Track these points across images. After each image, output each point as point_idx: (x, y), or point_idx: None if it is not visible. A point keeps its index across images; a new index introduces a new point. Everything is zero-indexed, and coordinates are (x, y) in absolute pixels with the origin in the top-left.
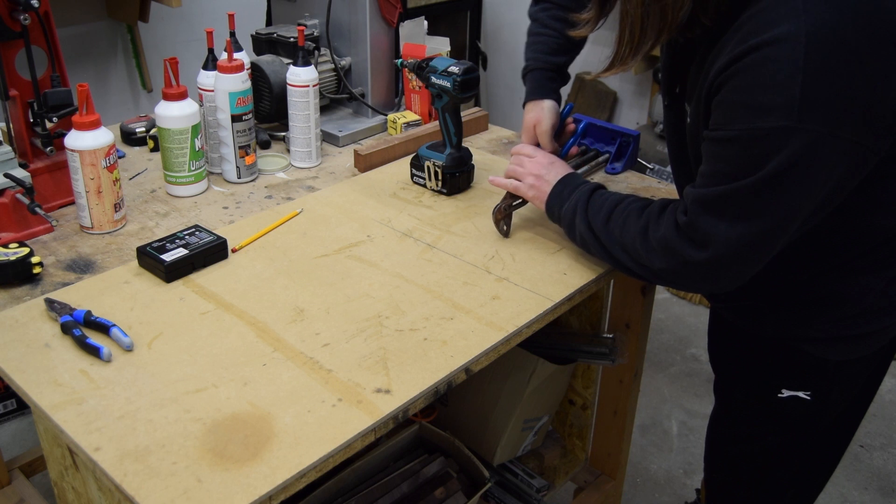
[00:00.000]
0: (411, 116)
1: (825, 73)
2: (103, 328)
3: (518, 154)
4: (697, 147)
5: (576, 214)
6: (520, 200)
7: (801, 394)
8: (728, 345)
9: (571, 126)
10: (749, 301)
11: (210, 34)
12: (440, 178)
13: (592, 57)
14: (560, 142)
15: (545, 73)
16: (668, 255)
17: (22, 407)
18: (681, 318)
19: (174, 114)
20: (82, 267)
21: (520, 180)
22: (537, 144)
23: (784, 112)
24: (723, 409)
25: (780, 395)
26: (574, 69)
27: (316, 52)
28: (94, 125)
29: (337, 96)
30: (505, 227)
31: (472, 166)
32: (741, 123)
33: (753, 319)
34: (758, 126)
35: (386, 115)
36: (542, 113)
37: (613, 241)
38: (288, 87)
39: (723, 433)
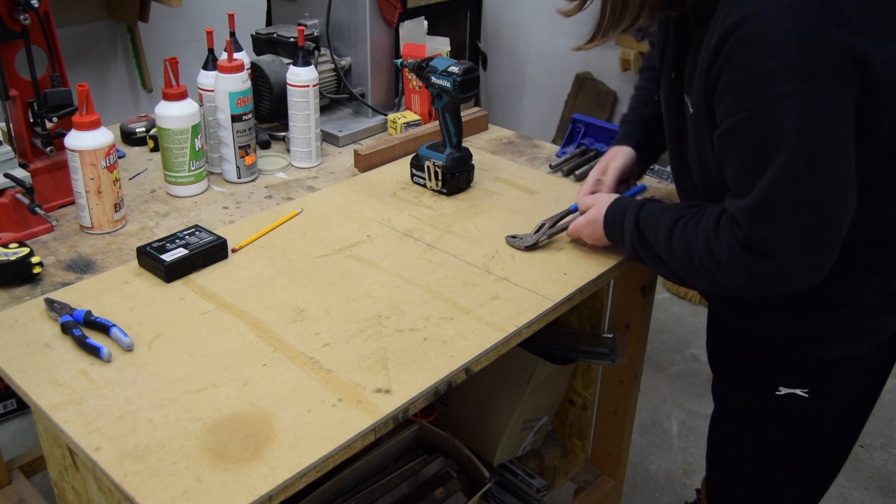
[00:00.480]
0: (411, 116)
1: (818, 33)
2: (103, 328)
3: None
4: (698, 138)
5: (637, 252)
6: (544, 238)
7: (798, 391)
8: (727, 344)
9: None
10: (747, 300)
11: (210, 34)
12: (440, 178)
13: (592, 56)
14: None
15: (632, 125)
16: (740, 273)
17: (22, 407)
18: (681, 318)
19: (174, 114)
20: (82, 267)
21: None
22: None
23: (788, 76)
24: (722, 409)
25: (777, 393)
26: (574, 69)
27: (316, 52)
28: (94, 125)
29: (337, 96)
30: (528, 241)
31: (472, 166)
32: (749, 101)
33: (752, 318)
34: (766, 96)
35: (386, 115)
36: (618, 154)
37: (686, 271)
38: (288, 87)
39: (723, 433)
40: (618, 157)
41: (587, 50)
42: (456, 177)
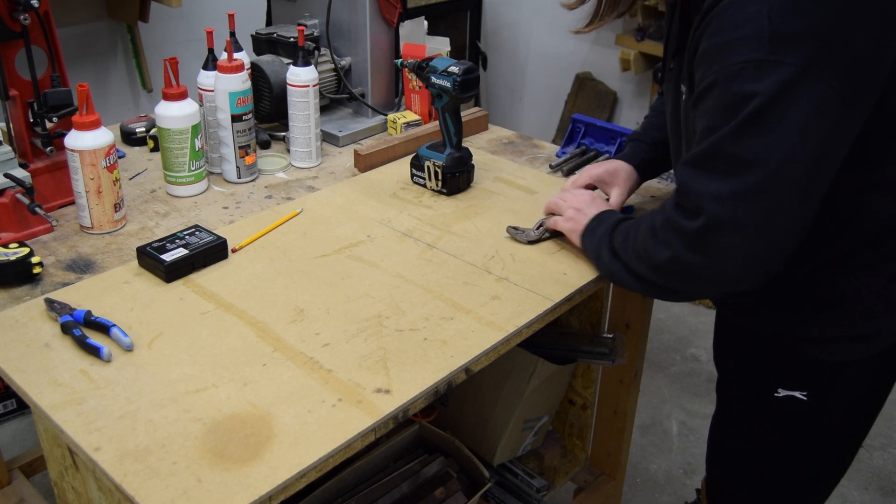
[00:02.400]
0: (411, 116)
1: (792, 6)
2: (103, 328)
3: (564, 190)
4: (688, 123)
5: (602, 244)
6: (546, 236)
7: (797, 394)
8: (730, 343)
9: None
10: (748, 299)
11: (210, 34)
12: (440, 178)
13: (592, 56)
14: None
15: (641, 145)
16: (667, 237)
17: (22, 407)
18: (681, 318)
19: (174, 114)
20: (82, 267)
21: (560, 214)
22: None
23: (754, 44)
24: (723, 408)
25: (776, 395)
26: (574, 69)
27: (316, 52)
28: (94, 125)
29: (337, 96)
30: (532, 236)
31: (472, 166)
32: (716, 65)
33: (752, 318)
34: (731, 62)
35: (386, 115)
36: (620, 175)
37: (630, 253)
38: (288, 87)
39: (723, 431)
40: (620, 182)
41: (586, 33)
42: (456, 177)
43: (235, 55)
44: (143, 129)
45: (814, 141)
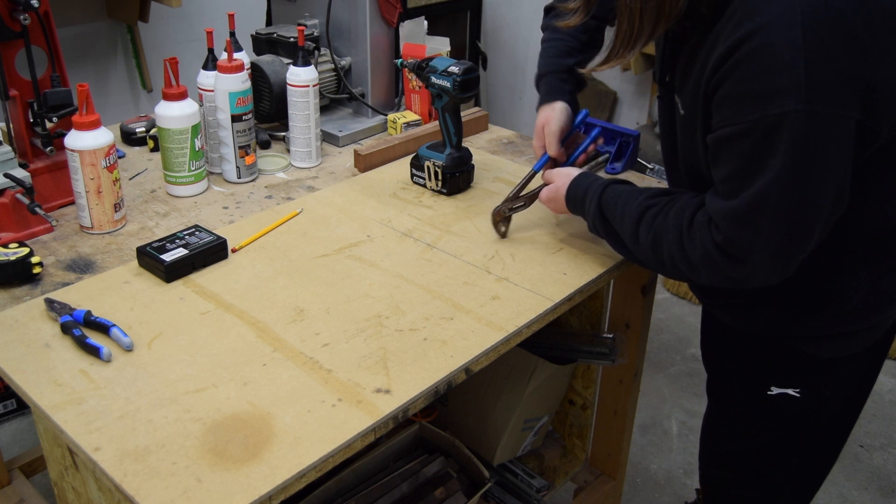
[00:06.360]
0: (411, 116)
1: (826, 52)
2: (103, 328)
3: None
4: (689, 140)
5: (599, 233)
6: (520, 204)
7: (790, 391)
8: (720, 343)
9: (583, 136)
10: (740, 300)
11: (210, 34)
12: (440, 178)
13: None
14: (569, 150)
15: (557, 76)
16: (711, 272)
17: (22, 407)
18: (681, 318)
19: (174, 114)
20: (82, 267)
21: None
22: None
23: (791, 95)
24: (717, 408)
25: (769, 393)
26: None
27: (316, 52)
28: (94, 125)
29: (337, 96)
30: (503, 229)
31: (472, 166)
32: (750, 114)
33: (744, 318)
34: (768, 113)
35: (386, 115)
36: (553, 114)
37: (651, 261)
38: (288, 87)
39: (718, 431)
40: (552, 120)
41: (600, 72)
42: (456, 177)
43: (235, 55)
44: (143, 129)
45: (848, 172)
